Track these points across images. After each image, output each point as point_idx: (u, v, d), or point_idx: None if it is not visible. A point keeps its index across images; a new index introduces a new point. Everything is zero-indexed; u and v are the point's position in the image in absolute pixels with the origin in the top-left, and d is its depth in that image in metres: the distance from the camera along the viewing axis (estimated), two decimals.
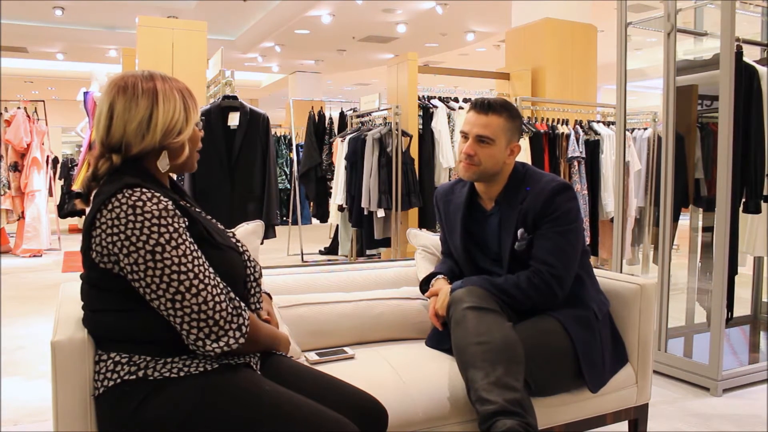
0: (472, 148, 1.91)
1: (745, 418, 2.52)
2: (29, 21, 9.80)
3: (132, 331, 1.28)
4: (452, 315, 1.78)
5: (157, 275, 1.21)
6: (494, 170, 1.94)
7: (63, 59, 12.82)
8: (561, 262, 1.84)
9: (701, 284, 3.64)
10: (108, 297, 1.29)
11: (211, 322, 1.23)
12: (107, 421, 1.28)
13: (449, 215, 2.10)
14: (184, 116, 1.34)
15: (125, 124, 1.29)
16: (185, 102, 1.35)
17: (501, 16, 8.67)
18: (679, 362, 2.95)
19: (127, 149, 1.30)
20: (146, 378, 1.24)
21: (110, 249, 1.23)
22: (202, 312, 1.22)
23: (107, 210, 1.22)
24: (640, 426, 2.08)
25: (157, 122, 1.30)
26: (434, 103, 4.88)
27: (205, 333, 1.23)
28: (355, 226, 5.01)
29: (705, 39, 3.44)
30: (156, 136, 1.30)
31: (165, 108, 1.31)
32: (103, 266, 1.25)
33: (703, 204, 3.49)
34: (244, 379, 1.30)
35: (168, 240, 1.21)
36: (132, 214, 1.21)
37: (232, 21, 10.27)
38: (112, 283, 1.26)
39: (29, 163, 6.99)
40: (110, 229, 1.22)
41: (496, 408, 1.52)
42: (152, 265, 1.20)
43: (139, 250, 1.20)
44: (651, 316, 2.05)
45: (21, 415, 2.55)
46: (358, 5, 8.64)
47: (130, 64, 5.91)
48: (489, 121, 1.90)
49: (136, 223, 1.20)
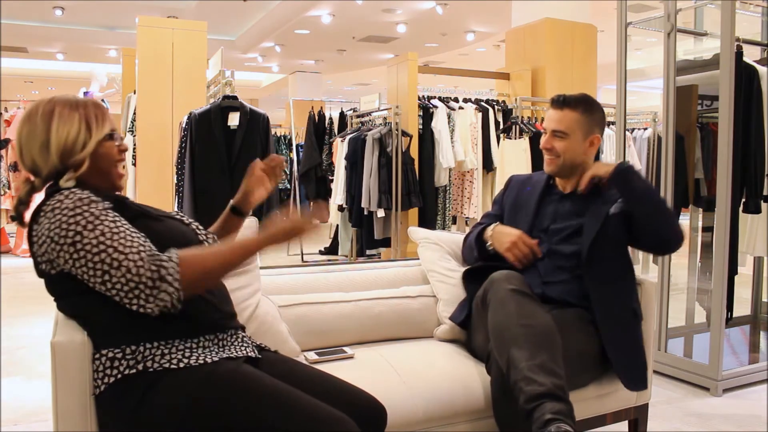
0: (548, 142, 2.00)
1: (745, 418, 2.52)
2: (29, 21, 9.79)
3: (113, 324, 1.29)
4: (492, 296, 1.76)
5: (83, 263, 1.23)
6: (574, 162, 1.99)
7: (63, 59, 12.81)
8: None
9: (701, 284, 3.64)
10: (76, 300, 1.32)
11: (141, 286, 1.22)
12: (109, 419, 1.29)
13: (521, 197, 2.12)
14: (83, 134, 1.33)
15: (30, 149, 1.33)
16: (85, 121, 1.34)
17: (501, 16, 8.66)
18: (679, 362, 2.95)
19: (39, 172, 1.34)
20: (146, 370, 1.25)
21: (47, 258, 1.27)
22: (131, 281, 1.22)
23: (37, 225, 1.28)
24: (640, 426, 2.08)
25: (52, 144, 1.31)
26: (434, 103, 4.88)
27: (144, 297, 1.23)
28: (355, 226, 5.01)
29: (705, 39, 3.44)
30: (55, 160, 1.32)
31: (58, 127, 1.32)
32: (53, 272, 1.29)
33: (703, 204, 3.49)
34: (244, 372, 1.31)
35: (84, 226, 1.23)
36: (51, 217, 1.25)
37: (232, 21, 10.27)
38: (70, 285, 1.29)
39: None
40: (39, 240, 1.27)
41: (545, 390, 1.52)
42: (76, 256, 1.23)
43: (62, 247, 1.23)
44: (651, 316, 2.06)
45: (21, 415, 2.55)
46: (358, 5, 8.63)
47: (130, 64, 5.91)
48: (563, 115, 1.97)
49: (54, 222, 1.24)
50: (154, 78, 5.10)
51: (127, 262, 1.23)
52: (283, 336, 1.83)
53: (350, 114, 5.96)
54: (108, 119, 1.39)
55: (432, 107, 4.84)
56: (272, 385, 1.30)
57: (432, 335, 2.15)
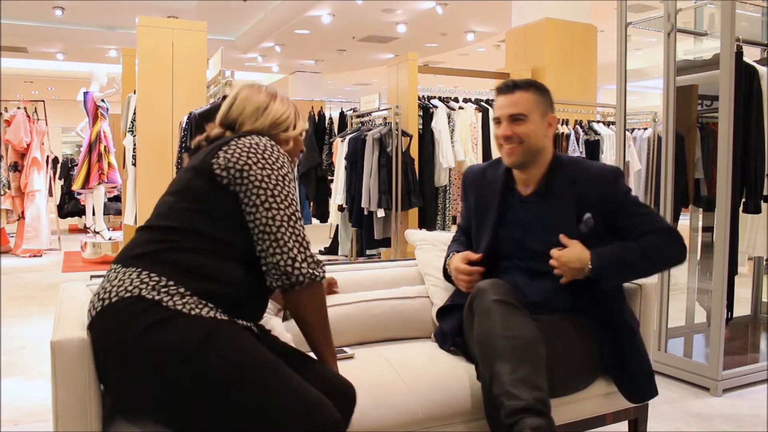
0: (507, 129, 1.84)
1: (745, 418, 2.52)
2: (29, 21, 9.80)
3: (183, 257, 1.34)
4: (477, 306, 1.72)
5: (284, 193, 1.40)
6: (537, 147, 1.86)
7: (63, 59, 12.82)
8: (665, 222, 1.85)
9: (701, 284, 3.64)
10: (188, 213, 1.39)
11: (309, 251, 1.40)
12: (110, 335, 1.28)
13: (481, 200, 2.00)
14: (293, 119, 1.59)
15: (244, 106, 1.54)
16: (296, 112, 1.62)
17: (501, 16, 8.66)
18: (679, 362, 2.95)
19: (241, 126, 1.53)
20: (160, 303, 1.27)
21: (241, 162, 1.38)
22: (305, 241, 1.40)
23: (245, 138, 1.43)
24: (640, 426, 2.08)
25: (270, 112, 1.55)
26: (434, 103, 4.88)
27: (306, 255, 1.39)
28: (355, 226, 5.01)
29: (705, 39, 3.44)
30: (266, 122, 1.54)
31: (279, 105, 1.57)
32: (220, 177, 1.38)
33: (703, 204, 3.49)
34: (245, 335, 1.34)
35: (291, 179, 1.44)
36: (269, 146, 1.44)
37: (232, 21, 10.27)
38: (214, 196, 1.38)
39: (29, 163, 6.99)
40: (247, 149, 1.40)
41: (525, 404, 1.50)
42: (281, 183, 1.40)
43: (273, 170, 1.40)
44: (651, 316, 2.05)
45: (21, 415, 2.56)
46: (358, 5, 8.64)
47: (130, 64, 5.91)
48: (518, 98, 1.84)
49: (273, 152, 1.43)
50: (154, 78, 5.10)
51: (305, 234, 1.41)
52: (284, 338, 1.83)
53: (350, 114, 5.96)
54: (305, 121, 1.67)
55: (432, 107, 4.85)
56: (268, 353, 1.33)
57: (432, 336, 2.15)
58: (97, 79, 7.00)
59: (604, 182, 1.84)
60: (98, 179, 6.84)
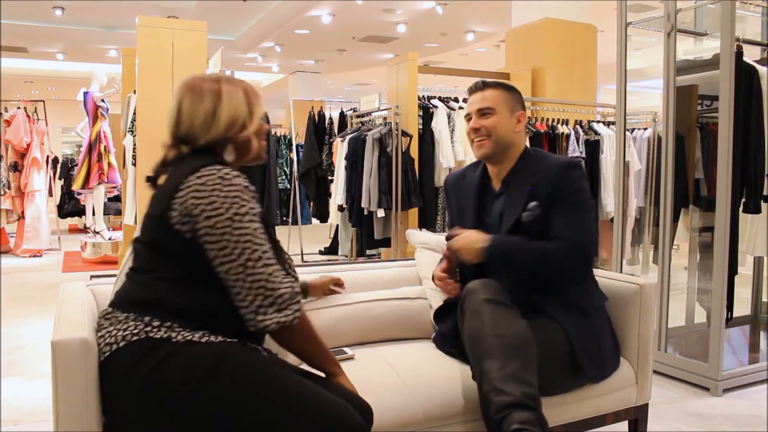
0: (475, 122, 1.95)
1: (745, 418, 2.52)
2: (29, 21, 9.79)
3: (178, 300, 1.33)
4: (467, 306, 1.76)
5: (233, 240, 1.30)
6: (505, 140, 1.94)
7: (63, 59, 12.81)
8: (581, 233, 1.83)
9: (701, 284, 3.64)
10: (168, 263, 1.35)
11: (275, 293, 1.31)
12: (120, 378, 1.28)
13: (461, 200, 2.08)
14: (247, 111, 1.46)
15: (192, 117, 1.43)
16: (249, 99, 1.47)
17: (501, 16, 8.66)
18: (679, 362, 2.95)
19: (195, 141, 1.42)
20: (169, 340, 1.28)
21: (191, 211, 1.31)
22: (269, 282, 1.31)
23: (195, 177, 1.32)
24: (640, 426, 2.08)
25: (221, 116, 1.42)
26: (434, 103, 4.88)
27: (269, 302, 1.31)
28: (355, 226, 5.01)
29: (705, 39, 3.44)
30: (220, 129, 1.42)
31: (229, 102, 1.44)
32: (178, 228, 1.32)
33: (703, 204, 3.49)
34: (258, 354, 1.35)
35: (246, 212, 1.32)
36: (220, 183, 1.32)
37: (232, 21, 10.27)
38: (179, 248, 1.33)
39: (29, 163, 6.99)
40: (196, 193, 1.31)
41: (513, 399, 1.52)
42: (230, 231, 1.30)
43: (220, 216, 1.30)
44: (651, 316, 2.05)
45: (21, 415, 2.56)
46: (358, 5, 8.63)
47: (130, 64, 5.91)
48: (485, 94, 1.95)
49: (222, 191, 1.31)
50: (154, 78, 5.10)
51: (272, 268, 1.32)
52: None
53: (350, 114, 5.96)
54: (261, 103, 1.51)
55: (432, 107, 4.85)
56: (283, 370, 1.34)
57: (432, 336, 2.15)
58: (97, 79, 7.00)
59: (556, 173, 1.87)
60: (98, 179, 6.85)
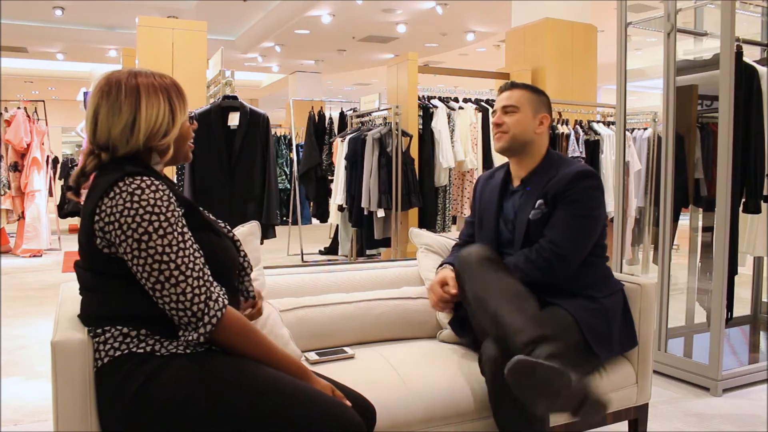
0: (499, 118, 2.02)
1: (745, 418, 2.52)
2: (29, 21, 9.79)
3: (136, 311, 1.30)
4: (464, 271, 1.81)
5: (140, 264, 1.24)
6: (523, 138, 2.00)
7: (63, 59, 12.81)
8: (567, 243, 1.86)
9: (701, 284, 3.64)
10: (112, 281, 1.31)
11: (189, 313, 1.25)
12: (111, 394, 1.28)
13: (485, 195, 2.14)
14: (170, 118, 1.34)
15: (110, 128, 1.31)
16: (171, 102, 1.35)
17: (501, 16, 8.66)
18: (679, 362, 2.95)
19: (114, 150, 1.32)
20: (153, 354, 1.27)
21: (108, 237, 1.27)
22: (180, 303, 1.25)
23: (108, 198, 1.26)
24: (640, 426, 2.08)
25: (140, 127, 1.31)
26: (434, 103, 4.88)
27: (184, 322, 1.27)
28: (355, 226, 5.01)
29: (705, 39, 3.44)
30: (140, 140, 1.32)
31: (148, 112, 1.32)
32: (107, 252, 1.29)
33: (703, 204, 3.49)
34: (246, 360, 1.33)
35: (156, 229, 1.24)
36: (129, 201, 1.24)
37: (232, 21, 10.27)
38: (114, 267, 1.29)
39: (29, 163, 6.99)
40: (108, 217, 1.25)
41: (541, 333, 1.57)
42: (137, 254, 1.24)
43: (128, 239, 1.24)
44: (651, 316, 2.05)
45: (21, 415, 2.55)
46: (358, 5, 8.63)
47: (130, 64, 5.91)
48: (512, 93, 2.03)
49: (131, 211, 1.23)
50: None
51: (185, 285, 1.25)
52: (284, 340, 1.83)
53: (350, 114, 5.96)
54: (186, 102, 1.40)
55: (432, 107, 4.84)
56: (274, 373, 1.32)
57: (432, 336, 2.15)
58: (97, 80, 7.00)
59: (568, 179, 1.92)
60: None
